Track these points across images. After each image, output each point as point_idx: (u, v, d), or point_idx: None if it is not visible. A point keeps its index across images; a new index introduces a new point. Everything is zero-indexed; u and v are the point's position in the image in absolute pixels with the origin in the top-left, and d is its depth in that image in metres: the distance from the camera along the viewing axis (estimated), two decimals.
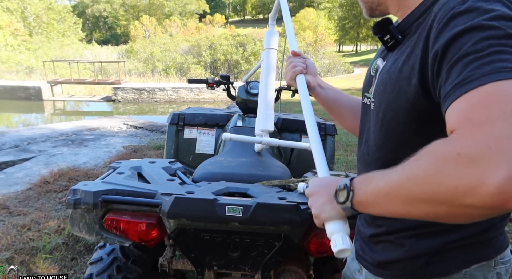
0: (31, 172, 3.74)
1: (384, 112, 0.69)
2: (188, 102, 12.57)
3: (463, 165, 0.44)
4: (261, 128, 1.51)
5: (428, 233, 0.68)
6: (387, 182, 0.54)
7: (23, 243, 2.33)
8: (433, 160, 0.48)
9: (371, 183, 0.58)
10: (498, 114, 0.44)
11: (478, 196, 0.42)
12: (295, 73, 0.98)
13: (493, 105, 0.46)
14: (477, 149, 0.43)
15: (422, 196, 0.48)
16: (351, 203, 0.60)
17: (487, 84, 0.47)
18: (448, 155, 0.46)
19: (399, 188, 0.52)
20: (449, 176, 0.45)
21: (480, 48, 0.49)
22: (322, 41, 25.02)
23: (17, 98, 12.44)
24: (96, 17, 58.60)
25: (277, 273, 1.21)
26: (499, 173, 0.41)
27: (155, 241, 1.12)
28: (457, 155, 0.45)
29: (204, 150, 2.20)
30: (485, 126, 0.44)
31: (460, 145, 0.45)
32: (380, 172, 0.57)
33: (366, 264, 0.79)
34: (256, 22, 68.68)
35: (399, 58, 0.66)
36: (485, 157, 0.42)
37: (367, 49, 42.76)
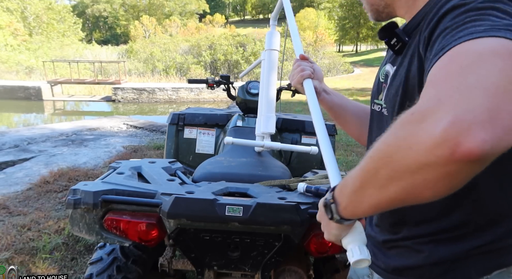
0: (31, 172, 3.74)
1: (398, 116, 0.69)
2: (188, 102, 12.57)
3: (414, 123, 0.42)
4: (262, 131, 1.51)
5: (448, 239, 0.65)
6: (357, 172, 0.52)
7: (23, 243, 2.33)
8: (391, 129, 0.45)
9: (348, 184, 0.55)
10: (455, 69, 0.44)
11: (429, 150, 0.39)
12: (303, 77, 0.97)
13: (452, 63, 0.45)
14: (428, 104, 0.42)
15: (386, 171, 0.45)
16: (338, 215, 0.57)
17: (455, 46, 0.47)
18: (404, 118, 0.44)
19: (367, 172, 0.49)
20: (404, 139, 0.42)
21: (457, 21, 0.51)
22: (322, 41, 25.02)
23: (17, 98, 12.44)
24: (96, 17, 58.61)
25: (277, 273, 1.21)
26: (444, 120, 0.39)
27: (155, 241, 1.12)
28: (411, 115, 0.43)
29: (204, 150, 2.20)
30: (441, 83, 0.43)
31: (416, 106, 0.44)
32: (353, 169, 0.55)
33: (378, 270, 0.77)
34: (256, 22, 68.68)
35: (405, 60, 0.66)
36: (434, 109, 0.41)
37: (367, 49, 42.76)
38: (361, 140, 0.98)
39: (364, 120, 0.95)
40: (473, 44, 0.45)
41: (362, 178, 0.51)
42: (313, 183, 1.23)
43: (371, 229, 0.82)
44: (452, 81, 0.42)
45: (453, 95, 0.40)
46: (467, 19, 0.50)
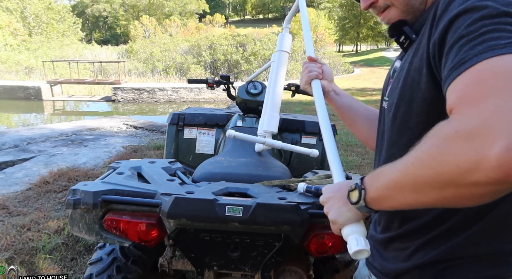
0: (30, 172, 3.74)
1: (397, 107, 0.69)
2: (188, 102, 12.57)
3: (461, 142, 0.44)
4: (265, 129, 1.51)
5: (439, 244, 0.65)
6: (394, 172, 0.54)
7: (23, 243, 2.33)
8: (434, 142, 0.48)
9: (380, 178, 0.58)
10: (490, 89, 0.45)
11: (480, 171, 0.42)
12: (311, 77, 0.98)
13: (485, 82, 0.47)
14: (473, 124, 0.44)
15: (427, 179, 0.48)
16: (364, 202, 0.60)
17: (479, 62, 0.48)
18: (448, 134, 0.46)
19: (405, 176, 0.52)
20: (450, 155, 0.45)
21: (472, 30, 0.51)
22: (322, 41, 25.04)
23: (16, 98, 12.44)
24: (96, 17, 58.60)
25: (277, 273, 1.21)
26: (497, 145, 0.41)
27: (155, 241, 1.12)
28: (455, 132, 0.45)
29: (204, 150, 2.20)
30: (479, 102, 0.45)
31: (457, 123, 0.46)
32: (388, 165, 0.58)
33: (375, 271, 0.77)
34: (256, 22, 68.72)
35: (411, 53, 0.67)
36: (482, 131, 0.43)
37: (367, 49, 42.77)
38: (369, 142, 0.97)
39: (373, 123, 0.94)
40: (499, 62, 0.47)
41: (399, 179, 0.53)
42: (313, 183, 1.23)
43: (374, 229, 0.82)
44: (491, 101, 0.44)
45: (500, 118, 0.42)
46: (483, 29, 0.50)
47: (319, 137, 2.15)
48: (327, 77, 1.01)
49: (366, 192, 0.60)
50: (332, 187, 0.70)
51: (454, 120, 0.47)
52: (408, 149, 0.53)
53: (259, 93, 1.98)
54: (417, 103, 0.64)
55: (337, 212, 0.65)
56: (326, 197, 0.69)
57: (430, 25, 0.61)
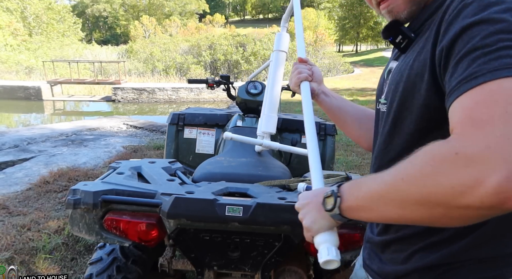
0: (31, 172, 3.74)
1: (396, 111, 0.68)
2: (188, 102, 12.57)
3: (461, 165, 0.43)
4: (262, 130, 1.51)
5: (441, 246, 0.64)
6: (380, 185, 0.53)
7: (23, 243, 2.33)
8: (429, 160, 0.47)
9: (362, 187, 0.57)
10: (500, 113, 0.43)
11: (475, 196, 0.42)
12: (300, 79, 0.97)
13: (496, 104, 0.44)
14: (476, 149, 0.43)
15: (417, 197, 0.47)
16: (339, 209, 0.59)
17: (492, 81, 0.46)
18: (446, 154, 0.45)
19: (393, 190, 0.51)
20: (447, 176, 0.44)
21: (488, 43, 0.48)
22: (322, 41, 25.02)
23: (17, 98, 12.43)
24: (96, 17, 58.61)
25: (277, 273, 1.21)
26: (498, 173, 0.40)
27: (155, 241, 1.12)
28: (455, 155, 0.44)
29: (204, 150, 2.20)
30: (486, 126, 0.43)
31: (459, 144, 0.45)
32: (372, 175, 0.57)
33: (372, 273, 0.77)
34: (256, 22, 68.73)
35: (411, 55, 0.65)
36: (484, 157, 0.42)
37: (367, 49, 42.76)
38: (361, 141, 0.98)
39: (364, 122, 0.94)
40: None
41: (385, 193, 0.52)
42: None
43: (370, 231, 0.82)
44: (498, 126, 0.43)
45: (505, 146, 0.41)
46: (500, 44, 0.47)
47: (319, 137, 2.15)
48: (316, 79, 1.00)
49: (342, 200, 0.59)
50: (308, 194, 0.69)
51: (455, 141, 0.46)
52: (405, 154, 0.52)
53: (259, 93, 1.98)
54: (418, 109, 0.62)
55: (311, 219, 0.64)
56: (301, 204, 0.68)
57: (436, 29, 0.58)
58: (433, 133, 0.61)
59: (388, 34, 0.70)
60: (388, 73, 0.76)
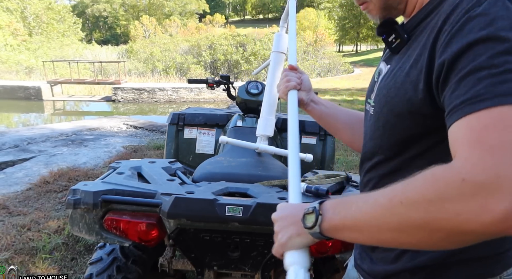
0: (31, 172, 3.74)
1: (386, 117, 0.67)
2: (188, 102, 12.57)
3: (468, 192, 0.42)
4: (260, 132, 1.51)
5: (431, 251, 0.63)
6: (373, 207, 0.51)
7: (23, 243, 2.33)
8: (433, 185, 0.45)
9: (350, 208, 0.54)
10: (510, 140, 0.43)
11: (481, 223, 0.42)
12: (288, 88, 0.94)
13: (506, 129, 0.43)
14: (484, 177, 0.42)
15: (418, 222, 0.46)
16: (319, 228, 0.56)
17: (502, 106, 0.45)
18: (452, 180, 0.44)
19: (389, 214, 0.49)
20: (453, 203, 0.43)
21: (496, 64, 0.46)
22: (322, 41, 25.02)
23: (17, 98, 12.44)
24: (96, 17, 58.62)
25: (277, 273, 1.21)
26: (506, 203, 0.40)
27: (155, 241, 1.12)
28: (462, 181, 0.43)
29: (204, 150, 2.20)
30: (496, 152, 0.43)
31: (466, 170, 0.43)
32: (361, 195, 0.56)
33: (363, 273, 0.77)
34: (256, 22, 68.74)
35: (407, 61, 0.62)
36: (493, 185, 0.41)
37: (367, 49, 42.76)
38: (354, 146, 0.97)
39: (356, 127, 0.94)
40: None
41: (379, 215, 0.50)
42: (313, 183, 1.23)
43: None
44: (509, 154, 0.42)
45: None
46: (507, 66, 0.46)
47: (319, 137, 2.15)
48: (305, 87, 0.98)
49: (324, 219, 0.56)
50: (288, 206, 0.65)
51: (462, 166, 0.44)
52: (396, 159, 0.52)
53: (259, 93, 1.98)
54: (409, 116, 0.61)
55: (288, 235, 0.60)
56: (279, 216, 0.64)
57: (434, 37, 0.56)
58: (424, 139, 0.61)
59: (382, 31, 0.69)
60: (377, 75, 0.75)
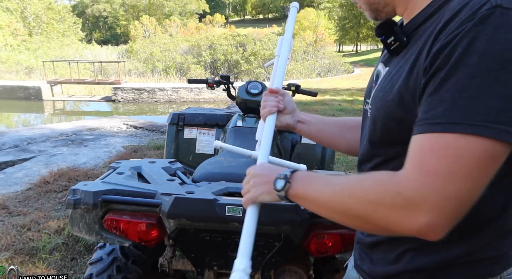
0: (31, 172, 3.74)
1: (383, 120, 0.66)
2: (188, 102, 12.57)
3: (398, 203, 0.52)
4: (257, 137, 1.49)
5: (430, 247, 0.63)
6: (329, 191, 0.62)
7: (23, 243, 2.33)
8: (375, 188, 0.55)
9: (313, 185, 0.65)
10: (444, 170, 0.49)
11: (402, 228, 0.53)
12: (264, 115, 0.93)
13: (445, 159, 0.50)
14: (414, 195, 0.51)
15: (358, 214, 0.57)
16: (285, 193, 0.67)
17: (449, 133, 0.49)
18: (390, 189, 0.53)
19: (339, 202, 0.60)
20: (385, 208, 0.53)
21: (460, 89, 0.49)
22: (322, 41, 25.02)
23: (17, 98, 12.44)
24: (96, 17, 58.63)
25: (277, 273, 1.21)
26: (424, 218, 0.50)
27: (155, 241, 1.12)
28: (397, 193, 0.52)
29: (204, 150, 2.20)
30: (429, 177, 0.50)
31: (402, 185, 0.52)
32: (326, 176, 0.65)
33: (363, 274, 0.76)
34: (256, 22, 68.74)
35: (404, 65, 0.61)
36: (418, 204, 0.50)
37: (367, 49, 42.76)
38: (352, 152, 0.97)
39: (347, 136, 0.94)
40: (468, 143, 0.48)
41: (332, 200, 0.61)
42: None
43: (360, 232, 0.82)
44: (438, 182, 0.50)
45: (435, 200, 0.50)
46: (470, 93, 0.48)
47: None
48: (289, 109, 0.96)
49: (291, 187, 0.66)
50: (266, 167, 0.77)
51: (401, 180, 0.53)
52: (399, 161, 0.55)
53: (259, 93, 1.98)
54: (407, 121, 0.60)
55: (260, 191, 0.72)
56: (257, 172, 0.75)
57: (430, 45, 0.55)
58: None
59: (381, 32, 0.68)
60: (376, 76, 0.74)
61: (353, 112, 8.10)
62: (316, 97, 2.33)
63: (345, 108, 8.60)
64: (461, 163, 0.49)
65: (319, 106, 8.74)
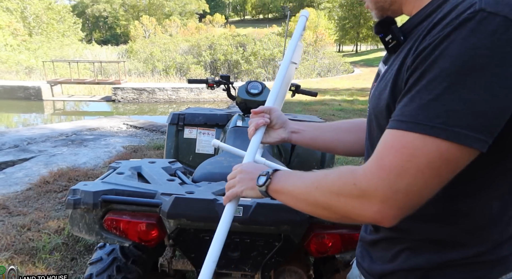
0: (31, 172, 3.74)
1: (378, 119, 0.67)
2: (188, 102, 12.57)
3: (354, 194, 0.57)
4: None
5: (427, 248, 0.64)
6: (301, 185, 0.68)
7: (23, 243, 2.33)
8: (337, 180, 0.61)
9: (289, 180, 0.71)
10: (398, 166, 0.53)
11: (359, 216, 0.59)
12: (250, 135, 0.94)
13: (400, 156, 0.53)
14: (367, 186, 0.55)
15: (323, 205, 0.63)
16: (266, 188, 0.73)
17: (409, 132, 0.52)
18: (349, 181, 0.58)
19: (308, 194, 0.66)
20: (344, 197, 0.59)
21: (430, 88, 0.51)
22: (322, 41, 25.01)
23: (17, 98, 12.44)
24: (96, 17, 58.63)
25: (277, 273, 1.21)
26: (375, 208, 0.55)
27: (155, 241, 1.12)
28: (353, 185, 0.57)
29: (204, 150, 2.20)
30: (383, 171, 0.54)
31: (360, 178, 0.57)
32: (302, 173, 0.70)
33: (363, 271, 0.77)
34: (256, 22, 68.74)
35: (396, 64, 0.61)
36: (371, 194, 0.55)
37: (367, 49, 42.75)
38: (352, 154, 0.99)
39: (346, 139, 0.96)
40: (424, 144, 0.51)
41: (302, 192, 0.68)
42: None
43: (364, 230, 0.82)
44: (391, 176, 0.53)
45: (386, 192, 0.54)
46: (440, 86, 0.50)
47: None
48: (280, 124, 0.96)
49: (271, 182, 0.72)
50: (251, 165, 0.82)
51: (360, 173, 0.57)
52: None
53: (259, 93, 1.98)
54: None
55: (244, 187, 0.77)
56: (243, 169, 0.80)
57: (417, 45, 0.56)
58: None
59: (379, 31, 0.68)
60: (377, 74, 0.74)
61: (353, 112, 8.10)
62: (316, 97, 2.33)
63: (345, 108, 8.59)
64: (414, 161, 0.52)
65: (319, 106, 8.74)
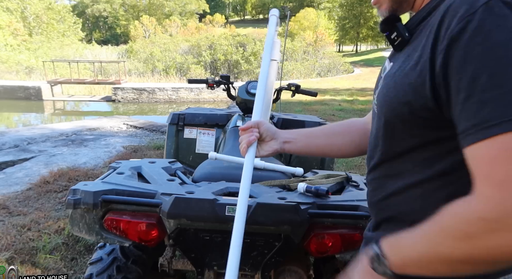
0: (31, 172, 3.74)
1: (386, 117, 0.66)
2: (188, 102, 12.57)
3: (488, 229, 0.46)
4: None
5: None
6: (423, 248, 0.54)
7: (23, 243, 2.33)
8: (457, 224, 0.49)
9: (404, 248, 0.58)
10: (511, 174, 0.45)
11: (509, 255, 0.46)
12: (243, 152, 0.93)
13: (510, 163, 0.45)
14: (496, 213, 0.45)
15: (461, 258, 0.50)
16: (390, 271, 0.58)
17: (505, 133, 0.45)
18: (471, 219, 0.48)
19: (436, 254, 0.52)
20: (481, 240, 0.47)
21: (498, 84, 0.46)
22: (322, 41, 25.04)
23: (17, 98, 12.43)
24: (96, 17, 58.60)
25: (277, 273, 1.21)
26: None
27: (155, 241, 1.12)
28: (479, 219, 0.47)
29: (204, 150, 2.20)
30: (503, 189, 0.45)
31: (479, 208, 0.47)
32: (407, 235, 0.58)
33: None
34: (256, 22, 68.69)
35: (406, 61, 0.61)
36: (506, 221, 0.45)
37: (367, 49, 42.76)
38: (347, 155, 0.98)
39: (338, 142, 0.95)
40: None
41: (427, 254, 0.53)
42: (313, 183, 1.23)
43: (367, 229, 0.82)
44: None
45: None
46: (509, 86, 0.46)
47: None
48: (271, 135, 0.95)
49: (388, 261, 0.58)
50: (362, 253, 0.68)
51: (476, 203, 0.48)
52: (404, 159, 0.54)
53: None
54: (410, 118, 0.60)
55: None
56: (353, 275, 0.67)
57: (433, 41, 0.54)
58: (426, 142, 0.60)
59: (385, 28, 0.68)
60: (383, 71, 0.74)
61: (353, 112, 8.10)
62: (316, 97, 2.33)
63: (345, 108, 8.59)
64: None
65: (319, 106, 8.74)
